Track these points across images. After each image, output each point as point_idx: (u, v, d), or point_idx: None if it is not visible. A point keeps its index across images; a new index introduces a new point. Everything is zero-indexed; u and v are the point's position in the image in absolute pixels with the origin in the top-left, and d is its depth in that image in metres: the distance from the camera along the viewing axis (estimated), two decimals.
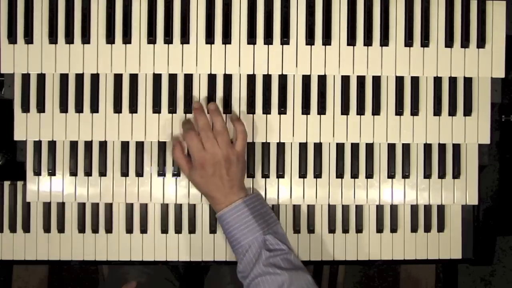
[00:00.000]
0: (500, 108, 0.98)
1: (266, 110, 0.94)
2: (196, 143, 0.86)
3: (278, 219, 0.95)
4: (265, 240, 0.84)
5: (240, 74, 0.94)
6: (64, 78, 0.93)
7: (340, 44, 0.94)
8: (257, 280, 0.81)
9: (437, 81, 0.96)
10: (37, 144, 0.93)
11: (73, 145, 0.94)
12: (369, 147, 0.95)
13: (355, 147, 0.95)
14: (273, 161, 0.95)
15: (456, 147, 0.96)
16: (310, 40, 0.93)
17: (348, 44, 0.94)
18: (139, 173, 0.94)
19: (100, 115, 0.93)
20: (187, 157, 0.90)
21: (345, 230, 0.97)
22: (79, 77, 0.93)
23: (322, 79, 0.94)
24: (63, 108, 0.92)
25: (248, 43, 0.93)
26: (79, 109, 0.93)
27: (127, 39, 0.92)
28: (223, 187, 0.86)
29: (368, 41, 0.94)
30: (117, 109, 0.93)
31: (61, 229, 0.95)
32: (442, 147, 0.96)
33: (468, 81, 0.96)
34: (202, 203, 0.95)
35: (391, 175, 0.96)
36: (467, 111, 0.95)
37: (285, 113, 0.94)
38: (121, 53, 0.92)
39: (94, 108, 0.93)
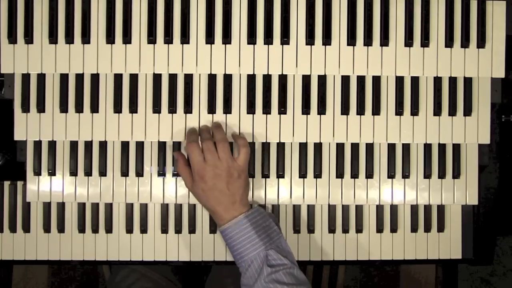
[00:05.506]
0: (500, 108, 0.98)
1: (266, 110, 0.94)
2: (197, 155, 0.85)
3: (278, 219, 0.96)
4: (267, 255, 0.82)
5: (240, 74, 0.94)
6: (64, 78, 0.93)
7: (340, 44, 0.94)
8: None
9: (437, 81, 0.95)
10: (37, 144, 0.93)
11: (73, 145, 0.94)
12: (369, 147, 0.95)
13: (355, 147, 0.95)
14: (273, 161, 0.95)
15: (456, 147, 0.97)
16: (310, 40, 0.93)
17: (348, 44, 0.94)
18: (139, 173, 0.94)
19: (100, 115, 0.93)
20: (190, 169, 0.88)
21: (345, 230, 0.97)
22: (79, 77, 0.93)
23: (322, 79, 0.94)
24: (63, 108, 0.92)
25: (248, 43, 0.93)
26: (79, 109, 0.93)
27: (127, 39, 0.92)
28: (224, 202, 0.85)
29: (368, 41, 0.94)
30: (117, 109, 0.93)
31: (61, 229, 0.95)
32: (442, 147, 0.96)
33: (468, 81, 0.96)
34: None
35: (391, 175, 0.96)
36: (467, 111, 0.95)
37: (285, 113, 0.94)
38: (121, 53, 0.92)
39: (94, 108, 0.93)
